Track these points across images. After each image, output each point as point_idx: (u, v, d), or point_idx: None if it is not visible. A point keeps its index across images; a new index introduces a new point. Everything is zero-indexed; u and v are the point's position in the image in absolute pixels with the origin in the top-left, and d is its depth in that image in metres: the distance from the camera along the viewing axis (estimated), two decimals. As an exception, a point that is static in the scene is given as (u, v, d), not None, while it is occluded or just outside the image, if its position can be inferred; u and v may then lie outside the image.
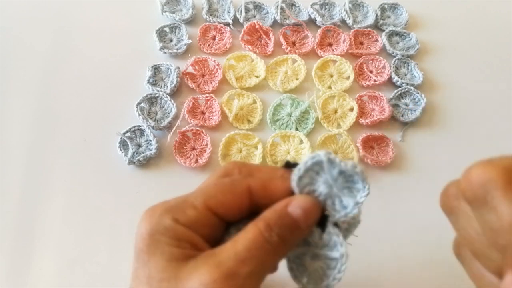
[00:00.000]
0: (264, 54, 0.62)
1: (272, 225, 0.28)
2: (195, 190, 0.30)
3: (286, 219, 0.28)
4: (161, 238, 0.27)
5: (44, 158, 0.52)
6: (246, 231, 0.28)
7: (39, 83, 0.58)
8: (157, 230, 0.28)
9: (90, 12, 0.65)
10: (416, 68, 0.62)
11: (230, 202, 0.29)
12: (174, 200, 0.30)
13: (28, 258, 0.46)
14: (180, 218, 0.28)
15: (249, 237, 0.27)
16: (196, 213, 0.29)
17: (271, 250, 0.27)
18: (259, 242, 0.27)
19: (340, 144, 0.55)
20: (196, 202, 0.29)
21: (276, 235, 0.28)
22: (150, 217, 0.29)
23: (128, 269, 0.46)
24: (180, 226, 0.28)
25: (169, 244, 0.27)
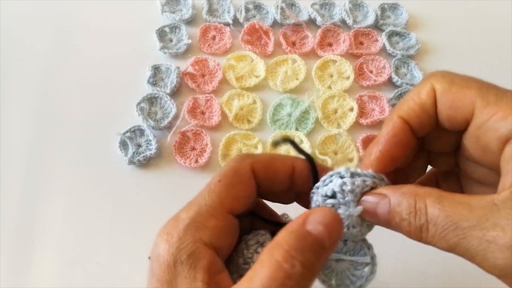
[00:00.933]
0: (264, 54, 0.62)
1: (293, 252, 0.23)
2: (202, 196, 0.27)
3: (308, 241, 0.24)
4: (182, 270, 0.24)
5: (44, 158, 0.52)
6: (262, 263, 0.24)
7: (39, 83, 0.58)
8: (179, 259, 0.25)
9: (90, 12, 0.65)
10: (416, 68, 0.62)
11: (244, 194, 0.27)
12: (185, 213, 0.26)
13: (28, 258, 0.46)
14: (203, 235, 0.25)
15: (266, 274, 0.23)
16: (216, 223, 0.26)
17: (294, 286, 0.23)
18: (279, 280, 0.23)
19: (340, 144, 0.55)
20: (212, 209, 0.26)
21: (299, 264, 0.23)
22: (168, 243, 0.25)
23: (128, 269, 0.46)
24: (203, 249, 0.25)
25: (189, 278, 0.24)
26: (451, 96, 0.26)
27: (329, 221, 0.25)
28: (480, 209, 0.22)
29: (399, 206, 0.25)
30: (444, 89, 0.26)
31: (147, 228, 0.48)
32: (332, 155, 0.54)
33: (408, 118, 0.28)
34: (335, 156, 0.54)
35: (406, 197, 0.25)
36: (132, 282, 0.45)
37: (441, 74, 0.27)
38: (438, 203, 0.23)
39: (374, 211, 0.26)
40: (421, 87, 0.28)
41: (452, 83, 0.26)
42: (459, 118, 0.26)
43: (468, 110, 0.25)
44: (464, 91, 0.26)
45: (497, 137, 0.24)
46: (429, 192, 0.24)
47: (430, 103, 0.27)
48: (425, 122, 0.28)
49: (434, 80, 0.27)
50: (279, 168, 0.29)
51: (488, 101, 0.25)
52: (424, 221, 0.24)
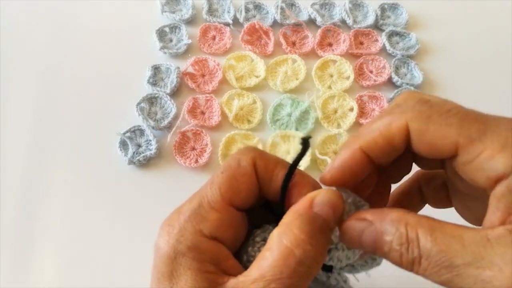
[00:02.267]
0: (264, 54, 0.62)
1: (304, 237, 0.23)
2: (205, 188, 0.27)
3: (317, 224, 0.24)
4: (183, 262, 0.24)
5: (44, 158, 0.52)
6: (271, 249, 0.23)
7: (39, 83, 0.58)
8: (179, 251, 0.25)
9: (90, 12, 0.65)
10: (416, 68, 0.62)
11: (246, 186, 0.27)
12: (187, 205, 0.26)
13: (28, 258, 0.46)
14: (203, 227, 0.25)
15: (276, 261, 0.23)
16: (218, 215, 0.26)
17: (307, 273, 0.23)
18: (291, 267, 0.23)
19: (340, 144, 0.55)
20: (213, 201, 0.26)
21: (310, 249, 0.23)
22: (169, 235, 0.25)
23: (128, 269, 0.46)
24: (203, 240, 0.25)
25: (193, 269, 0.24)
26: (429, 137, 0.24)
27: (335, 202, 0.25)
28: (473, 245, 0.21)
29: (388, 235, 0.23)
30: (421, 129, 0.24)
31: (147, 228, 0.48)
32: (332, 155, 0.54)
33: (369, 151, 0.26)
34: (335, 156, 0.54)
35: (396, 225, 0.23)
36: (132, 282, 0.45)
37: (417, 108, 0.25)
38: (430, 235, 0.22)
39: (358, 239, 0.25)
40: (392, 118, 0.25)
41: (429, 121, 0.24)
42: (441, 155, 0.25)
43: (450, 149, 0.24)
44: (443, 130, 0.24)
45: (486, 177, 0.23)
46: (420, 221, 0.23)
47: (399, 139, 0.25)
48: (389, 155, 0.26)
49: (409, 116, 0.25)
50: (279, 172, 0.28)
51: (471, 138, 0.23)
52: (417, 254, 0.22)
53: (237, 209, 0.27)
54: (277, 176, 0.28)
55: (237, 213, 0.27)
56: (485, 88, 0.62)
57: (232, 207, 0.27)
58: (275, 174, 0.28)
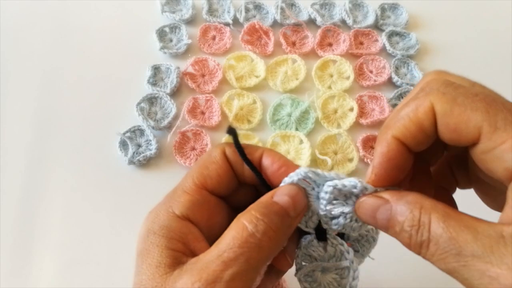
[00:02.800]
0: (264, 54, 0.62)
1: (258, 215, 0.26)
2: (181, 180, 0.30)
3: (274, 207, 0.27)
4: (154, 239, 0.27)
5: (44, 158, 0.52)
6: (230, 227, 0.26)
7: (39, 83, 0.58)
8: (152, 230, 0.27)
9: (90, 12, 0.65)
10: (416, 68, 0.62)
11: (216, 172, 0.29)
12: (167, 194, 0.29)
13: (28, 258, 0.46)
14: (175, 208, 0.28)
15: (232, 234, 0.25)
16: (189, 197, 0.28)
17: (257, 245, 0.25)
18: (242, 238, 0.25)
19: (340, 144, 0.55)
20: (186, 186, 0.29)
21: (262, 224, 0.25)
22: (147, 218, 0.28)
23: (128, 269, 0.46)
24: (174, 220, 0.27)
25: (160, 245, 0.26)
26: (454, 119, 0.23)
27: (295, 194, 0.27)
28: (486, 238, 0.21)
29: (402, 216, 0.24)
30: (446, 111, 0.24)
31: (147, 228, 0.48)
32: (332, 155, 0.54)
33: (403, 139, 0.25)
34: (335, 156, 0.54)
35: (411, 207, 0.23)
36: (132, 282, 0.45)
37: (442, 90, 0.24)
38: (443, 221, 0.22)
39: (373, 214, 0.25)
40: (418, 102, 0.25)
41: (454, 103, 0.23)
42: (463, 141, 0.24)
43: (473, 134, 0.23)
44: (468, 113, 0.23)
45: (504, 168, 0.22)
46: (435, 207, 0.23)
47: (428, 123, 0.25)
48: (423, 141, 0.26)
49: (434, 98, 0.24)
50: (249, 154, 0.30)
51: (496, 126, 0.22)
52: (426, 238, 0.22)
53: (212, 193, 0.29)
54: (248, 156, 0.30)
55: (211, 197, 0.29)
56: (485, 88, 0.62)
57: (205, 191, 0.29)
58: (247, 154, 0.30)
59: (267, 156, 0.30)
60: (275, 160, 0.29)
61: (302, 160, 0.53)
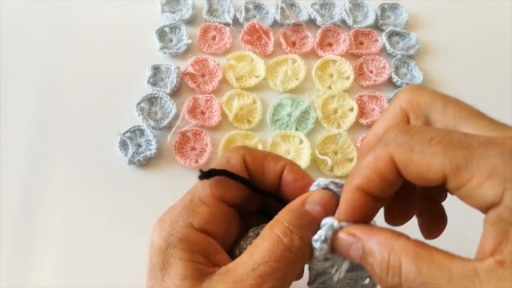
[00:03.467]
0: (264, 54, 0.62)
1: (292, 228, 0.25)
2: (196, 186, 0.29)
3: (306, 219, 0.26)
4: (174, 253, 0.26)
5: (44, 158, 0.52)
6: (263, 238, 0.25)
7: (39, 83, 0.58)
8: (170, 243, 0.26)
9: (90, 12, 0.65)
10: (416, 68, 0.62)
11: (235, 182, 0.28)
12: (179, 202, 0.28)
13: (28, 258, 0.46)
14: (194, 220, 0.27)
15: (266, 246, 0.24)
16: (207, 209, 0.27)
17: (293, 259, 0.24)
18: (279, 252, 0.24)
19: (340, 144, 0.55)
20: (203, 196, 0.28)
21: (297, 239, 0.25)
22: (161, 229, 0.27)
23: (128, 269, 0.46)
24: (193, 233, 0.26)
25: (183, 259, 0.25)
26: (415, 168, 0.23)
27: (327, 203, 0.27)
28: (460, 279, 0.20)
29: (371, 257, 0.23)
30: (406, 161, 0.23)
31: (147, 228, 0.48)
32: (332, 155, 0.54)
33: (367, 189, 0.25)
34: (335, 156, 0.54)
35: (381, 249, 0.23)
36: (132, 282, 0.45)
37: (398, 141, 0.24)
38: (414, 265, 0.22)
39: (347, 251, 0.25)
40: (378, 154, 0.25)
41: (412, 153, 0.23)
42: (431, 184, 0.24)
43: (438, 178, 0.23)
44: (427, 160, 0.23)
45: (476, 204, 0.22)
46: (406, 248, 0.22)
47: (390, 173, 0.24)
48: (387, 189, 0.25)
49: (392, 150, 0.24)
50: (270, 165, 0.29)
51: (458, 167, 0.22)
52: (397, 282, 0.22)
53: (228, 204, 0.28)
54: (268, 168, 0.29)
55: (227, 209, 0.28)
56: (485, 88, 0.62)
57: (222, 203, 0.28)
58: (265, 166, 0.29)
59: (289, 172, 0.29)
60: (298, 179, 0.29)
61: (302, 160, 0.53)
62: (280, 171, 0.29)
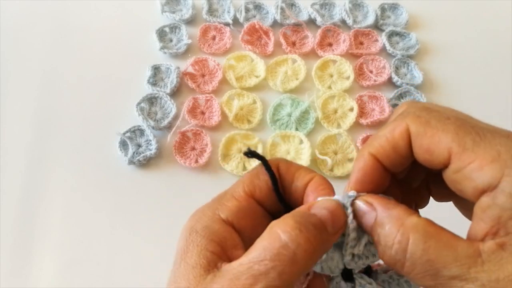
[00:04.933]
0: (264, 54, 0.62)
1: (294, 224, 0.24)
2: (231, 186, 0.30)
3: (311, 219, 0.25)
4: (195, 238, 0.26)
5: (44, 158, 0.52)
6: (262, 236, 0.25)
7: (39, 83, 0.58)
8: (194, 228, 0.27)
9: (90, 12, 0.65)
10: (416, 68, 0.62)
11: (266, 184, 0.29)
12: (214, 197, 0.29)
13: (28, 258, 0.46)
14: (221, 212, 0.27)
15: (263, 244, 0.24)
16: (236, 202, 0.28)
17: (290, 258, 0.23)
18: (275, 249, 0.23)
19: (340, 144, 0.55)
20: (235, 192, 0.29)
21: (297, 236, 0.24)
22: (192, 217, 0.28)
23: (128, 269, 0.46)
24: (218, 223, 0.27)
25: (200, 245, 0.26)
26: (426, 140, 0.25)
27: (334, 208, 0.26)
28: (465, 258, 0.22)
29: (381, 228, 0.24)
30: (419, 132, 0.25)
31: (147, 227, 0.48)
32: (332, 155, 0.54)
33: (379, 156, 0.27)
34: (335, 156, 0.54)
35: (391, 222, 0.24)
36: (132, 282, 0.45)
37: (417, 113, 0.26)
38: (423, 243, 0.22)
39: (360, 218, 0.26)
40: (395, 124, 0.26)
41: (427, 126, 0.25)
42: (436, 161, 0.25)
43: (444, 155, 0.24)
44: (439, 135, 0.24)
45: (473, 187, 0.23)
46: (416, 227, 0.23)
47: (403, 144, 0.26)
48: (397, 162, 0.27)
49: (410, 120, 0.26)
50: (300, 175, 0.30)
51: (465, 147, 0.23)
52: (400, 258, 0.23)
53: (259, 203, 0.29)
54: (298, 178, 0.29)
55: (257, 207, 0.29)
56: (485, 88, 0.62)
57: (253, 200, 0.29)
58: (296, 176, 0.29)
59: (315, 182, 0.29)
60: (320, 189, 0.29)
61: (302, 160, 0.53)
62: (307, 183, 0.30)
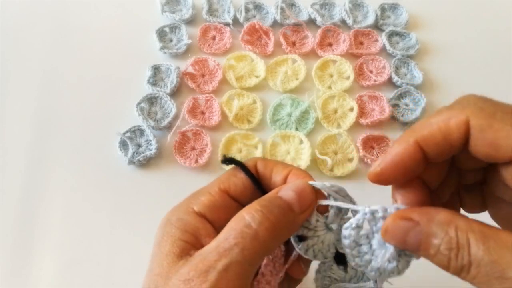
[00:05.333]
0: (264, 54, 0.62)
1: (258, 207, 0.26)
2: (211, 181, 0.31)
3: (276, 201, 0.27)
4: (169, 229, 0.28)
5: (44, 158, 0.52)
6: (230, 221, 0.26)
7: (39, 83, 0.58)
8: (170, 220, 0.28)
9: (90, 12, 0.65)
10: (416, 68, 0.62)
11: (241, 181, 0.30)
12: (192, 192, 0.31)
13: (28, 258, 0.46)
14: (195, 204, 0.29)
15: (230, 225, 0.26)
16: (209, 197, 0.29)
17: (252, 236, 0.25)
18: (238, 228, 0.25)
19: (340, 144, 0.55)
20: (210, 188, 0.30)
21: (259, 216, 0.25)
22: (170, 211, 0.30)
23: (128, 269, 0.46)
24: (191, 215, 0.28)
25: (173, 235, 0.27)
26: (492, 134, 0.23)
27: (300, 189, 0.27)
28: None
29: (437, 238, 0.22)
30: (483, 126, 0.23)
31: (147, 228, 0.48)
32: (332, 155, 0.54)
33: (425, 146, 0.25)
34: (335, 156, 0.54)
35: (445, 228, 0.22)
36: (132, 282, 0.45)
37: (479, 106, 0.24)
38: (482, 243, 0.21)
39: (403, 238, 0.24)
40: (453, 113, 0.24)
41: (493, 118, 0.23)
42: (500, 156, 0.23)
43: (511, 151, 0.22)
44: (508, 129, 0.22)
45: None
46: (471, 227, 0.22)
47: (458, 136, 0.24)
48: (445, 152, 0.25)
49: (471, 112, 0.23)
50: (278, 169, 0.31)
51: None
52: (466, 262, 0.21)
53: (234, 199, 0.30)
54: (276, 172, 0.30)
55: (231, 202, 0.30)
56: (485, 88, 0.61)
57: (226, 195, 0.30)
58: (274, 171, 0.31)
59: (293, 175, 0.30)
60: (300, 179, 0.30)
61: (302, 160, 0.53)
62: (286, 176, 0.30)
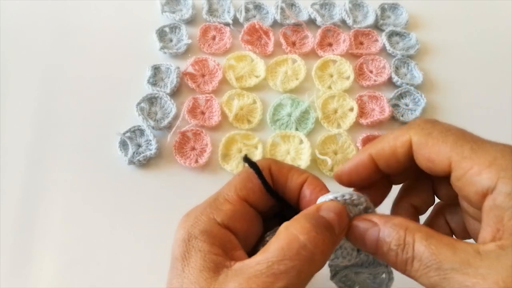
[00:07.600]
0: (264, 54, 0.62)
1: (309, 226, 0.25)
2: (222, 188, 0.30)
3: (321, 220, 0.27)
4: (195, 244, 0.26)
5: (44, 158, 0.52)
6: (278, 237, 0.26)
7: (39, 83, 0.58)
8: (192, 234, 0.27)
9: (90, 12, 0.65)
10: (416, 68, 0.62)
11: (259, 188, 0.30)
12: (205, 201, 0.29)
13: (28, 258, 0.46)
14: (217, 216, 0.28)
15: (281, 244, 0.25)
16: (231, 206, 0.29)
17: (309, 257, 0.24)
18: (294, 250, 0.24)
19: (340, 144, 0.55)
20: (228, 196, 0.29)
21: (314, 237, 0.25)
22: (185, 223, 0.28)
23: (128, 269, 0.46)
24: (215, 227, 0.27)
25: (203, 250, 0.26)
26: (428, 150, 0.27)
27: (339, 211, 0.28)
28: (464, 253, 0.23)
29: (389, 237, 0.26)
30: (421, 142, 0.28)
31: (147, 228, 0.48)
32: (332, 155, 0.54)
33: (376, 158, 0.30)
34: (335, 156, 0.54)
35: (397, 229, 0.26)
36: (132, 282, 0.45)
37: (421, 126, 0.28)
38: (425, 240, 0.24)
39: (362, 237, 0.27)
40: (399, 133, 0.29)
41: (429, 136, 0.27)
42: (438, 169, 0.27)
43: (444, 164, 0.26)
44: (439, 145, 0.27)
45: (474, 191, 0.25)
46: (419, 228, 0.25)
47: (402, 152, 0.29)
48: (393, 166, 0.30)
49: (413, 132, 0.28)
50: (293, 176, 0.31)
51: (463, 155, 0.26)
52: (410, 255, 0.25)
53: (251, 206, 0.30)
54: (291, 179, 0.30)
55: (250, 209, 0.29)
56: (485, 88, 0.62)
57: (246, 203, 0.29)
58: (289, 177, 0.30)
59: (309, 183, 0.30)
60: (316, 191, 0.30)
61: (302, 160, 0.53)
62: (301, 183, 0.30)
